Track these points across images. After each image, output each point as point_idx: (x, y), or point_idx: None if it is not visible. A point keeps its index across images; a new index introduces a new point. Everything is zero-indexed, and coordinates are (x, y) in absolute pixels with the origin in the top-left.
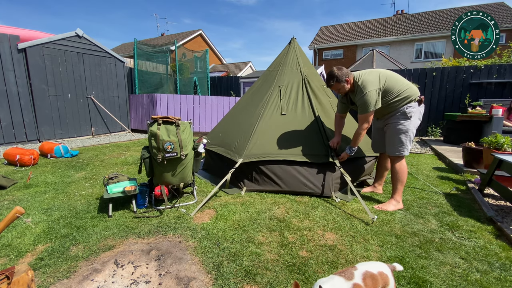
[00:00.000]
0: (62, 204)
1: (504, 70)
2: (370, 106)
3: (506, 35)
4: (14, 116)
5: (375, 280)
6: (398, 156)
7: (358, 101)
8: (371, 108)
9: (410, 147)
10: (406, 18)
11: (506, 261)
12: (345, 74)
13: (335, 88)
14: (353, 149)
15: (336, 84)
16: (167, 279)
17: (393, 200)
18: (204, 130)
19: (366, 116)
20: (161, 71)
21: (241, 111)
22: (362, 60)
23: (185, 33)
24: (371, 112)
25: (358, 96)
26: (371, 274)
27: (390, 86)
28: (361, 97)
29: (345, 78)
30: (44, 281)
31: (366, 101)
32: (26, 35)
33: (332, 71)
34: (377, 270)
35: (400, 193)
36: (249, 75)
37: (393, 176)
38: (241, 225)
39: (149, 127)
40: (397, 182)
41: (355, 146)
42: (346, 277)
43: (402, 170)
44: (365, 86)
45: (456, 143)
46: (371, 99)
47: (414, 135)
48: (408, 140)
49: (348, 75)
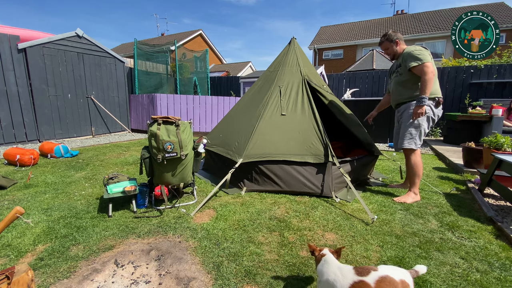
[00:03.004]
0: (62, 204)
1: (504, 70)
2: (423, 56)
3: (506, 35)
4: (14, 116)
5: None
6: (411, 149)
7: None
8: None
9: (420, 143)
10: (406, 18)
11: (506, 261)
12: (397, 35)
13: (384, 47)
14: (423, 98)
15: (386, 42)
16: (167, 279)
17: (411, 193)
18: (204, 130)
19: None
20: (161, 71)
21: (241, 111)
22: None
23: (185, 33)
24: (430, 61)
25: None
26: (391, 279)
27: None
28: (411, 51)
29: (396, 39)
30: (44, 281)
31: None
32: (26, 35)
33: (387, 31)
34: (400, 277)
35: (417, 186)
36: (249, 75)
37: (409, 170)
38: (241, 225)
39: (149, 127)
40: (414, 176)
41: (425, 94)
42: (358, 271)
43: (417, 164)
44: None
45: (456, 143)
46: (423, 52)
47: (426, 132)
48: (418, 135)
49: (400, 39)
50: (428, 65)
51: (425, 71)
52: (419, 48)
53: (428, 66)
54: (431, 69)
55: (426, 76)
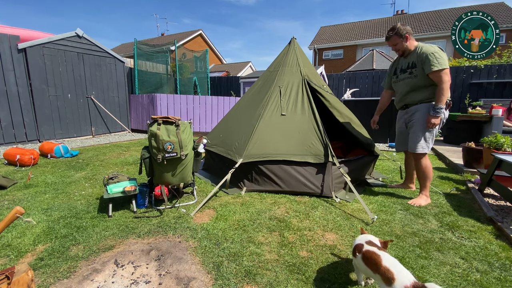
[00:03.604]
0: (62, 204)
1: (504, 70)
2: (443, 61)
3: (506, 35)
4: (14, 116)
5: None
6: (423, 154)
7: (427, 57)
8: (445, 64)
9: (431, 146)
10: (406, 18)
11: (506, 261)
12: (406, 30)
13: (392, 43)
14: (438, 108)
15: (395, 37)
16: (167, 279)
17: (423, 195)
18: (204, 130)
19: (442, 72)
20: (161, 71)
21: (241, 111)
22: (362, 60)
23: (185, 33)
24: (446, 68)
25: (424, 54)
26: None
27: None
28: (431, 53)
29: (406, 34)
30: (44, 281)
31: (438, 56)
32: (26, 35)
33: (394, 24)
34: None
35: (428, 188)
36: (249, 75)
37: (419, 173)
38: (241, 225)
39: (149, 127)
40: (425, 180)
41: (441, 104)
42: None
43: (428, 167)
44: (433, 46)
45: (456, 143)
46: (443, 56)
47: (435, 135)
48: (431, 138)
49: (410, 33)
50: (447, 72)
51: (444, 79)
52: (438, 50)
53: (447, 73)
54: (449, 77)
55: (444, 85)
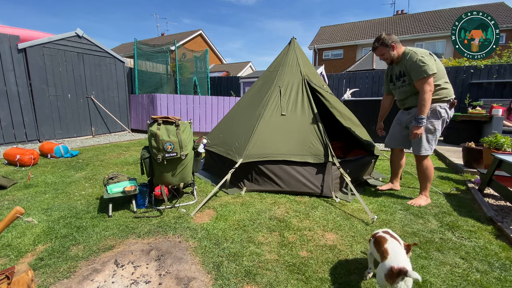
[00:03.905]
0: (62, 204)
1: (504, 70)
2: (428, 68)
3: (506, 35)
4: (14, 116)
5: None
6: (425, 155)
7: (410, 66)
8: (429, 71)
9: (434, 147)
10: (406, 18)
11: (506, 261)
12: (392, 39)
13: (378, 53)
14: (421, 118)
15: (381, 47)
16: (167, 279)
17: (423, 196)
18: (204, 130)
19: (425, 80)
20: (161, 71)
21: (241, 111)
22: (362, 60)
23: (185, 33)
24: (430, 75)
25: (409, 62)
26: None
27: (438, 70)
28: (415, 61)
29: (391, 43)
30: (44, 281)
31: (422, 63)
32: (26, 35)
33: (379, 34)
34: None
35: (428, 189)
36: (249, 75)
37: (421, 174)
38: (241, 225)
39: (149, 127)
40: (426, 181)
41: (423, 114)
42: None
43: (429, 168)
44: (418, 52)
45: (456, 143)
46: (428, 62)
47: (439, 135)
48: (434, 140)
49: (396, 42)
50: (429, 81)
51: (425, 89)
52: (421, 57)
53: (429, 82)
54: (431, 85)
55: (426, 95)
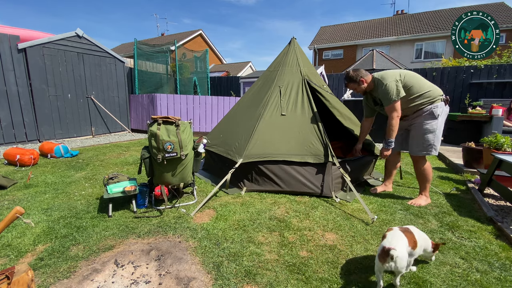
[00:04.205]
0: (62, 204)
1: (504, 70)
2: (392, 95)
3: (506, 35)
4: (14, 116)
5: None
6: (423, 156)
7: (380, 93)
8: (394, 96)
9: (439, 147)
10: (406, 18)
11: (506, 261)
12: (359, 75)
13: (351, 88)
14: (389, 141)
15: (351, 84)
16: (167, 279)
17: (423, 196)
18: (204, 130)
19: (392, 106)
20: (161, 71)
21: (241, 111)
22: (362, 60)
23: (185, 33)
24: (396, 101)
25: (379, 90)
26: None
27: (409, 83)
28: (382, 89)
29: (360, 79)
30: (44, 281)
31: (387, 91)
32: (26, 35)
33: (347, 72)
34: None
35: (428, 189)
36: (249, 75)
37: (419, 175)
38: (241, 225)
39: (149, 127)
40: (425, 181)
41: (391, 138)
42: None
43: (428, 169)
44: (384, 78)
45: (456, 143)
46: (392, 88)
47: (441, 134)
48: (436, 140)
49: (364, 75)
50: (396, 108)
51: (392, 115)
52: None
53: (395, 108)
54: (399, 112)
55: (393, 121)
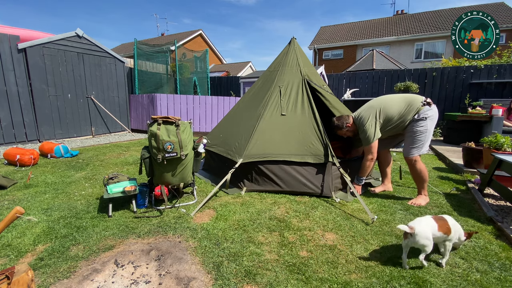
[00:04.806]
0: (62, 204)
1: (504, 70)
2: (370, 138)
3: (506, 35)
4: (14, 116)
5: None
6: (416, 156)
7: (361, 135)
8: (371, 140)
9: (427, 147)
10: (406, 18)
11: (506, 261)
12: (344, 122)
13: (341, 134)
14: (361, 179)
15: (339, 131)
16: (167, 279)
17: (422, 195)
18: (204, 130)
19: (369, 148)
20: (161, 71)
21: (241, 111)
22: (362, 60)
23: (185, 33)
24: (374, 143)
25: (359, 130)
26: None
27: (388, 114)
28: (361, 132)
29: (346, 124)
30: (44, 281)
31: (365, 135)
32: (26, 35)
33: (332, 122)
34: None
35: (426, 188)
36: (249, 75)
37: (415, 176)
38: (241, 225)
39: (149, 127)
40: (422, 181)
41: (363, 177)
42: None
43: (422, 170)
44: (362, 122)
45: (456, 143)
46: (369, 132)
47: (431, 134)
48: (426, 140)
49: (347, 120)
50: (372, 150)
51: (367, 157)
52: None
53: (372, 151)
54: (374, 154)
55: (367, 162)
